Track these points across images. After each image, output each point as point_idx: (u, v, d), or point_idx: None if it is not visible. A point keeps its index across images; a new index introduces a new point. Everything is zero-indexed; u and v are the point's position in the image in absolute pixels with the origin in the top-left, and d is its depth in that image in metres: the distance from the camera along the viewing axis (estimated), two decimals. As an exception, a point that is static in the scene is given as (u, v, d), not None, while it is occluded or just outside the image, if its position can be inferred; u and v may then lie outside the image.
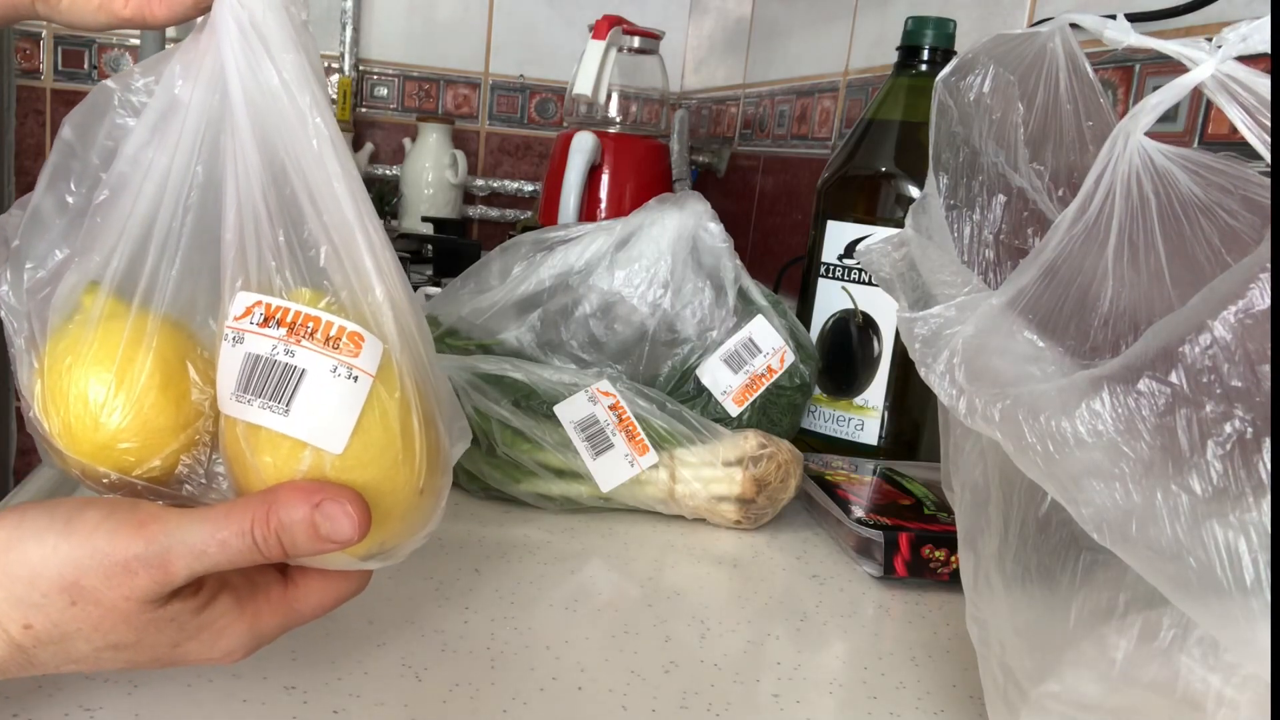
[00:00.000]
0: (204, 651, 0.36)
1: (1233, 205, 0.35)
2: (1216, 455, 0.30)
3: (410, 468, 0.36)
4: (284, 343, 0.35)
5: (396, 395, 0.36)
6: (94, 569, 0.33)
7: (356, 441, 0.35)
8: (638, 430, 0.64)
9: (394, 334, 0.36)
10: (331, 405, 0.35)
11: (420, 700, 0.42)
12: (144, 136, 0.38)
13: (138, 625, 0.34)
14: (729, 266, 0.74)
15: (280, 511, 0.34)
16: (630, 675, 0.46)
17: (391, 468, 0.35)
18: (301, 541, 0.34)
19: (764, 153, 1.54)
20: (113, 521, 0.33)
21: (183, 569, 0.33)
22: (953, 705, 0.46)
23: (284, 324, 0.35)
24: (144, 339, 0.37)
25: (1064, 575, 0.35)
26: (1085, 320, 0.37)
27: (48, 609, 0.33)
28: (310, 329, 0.35)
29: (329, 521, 0.34)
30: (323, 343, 0.35)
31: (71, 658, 0.34)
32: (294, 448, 0.35)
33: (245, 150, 0.36)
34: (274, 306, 0.35)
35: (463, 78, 2.01)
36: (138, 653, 0.35)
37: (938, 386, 0.36)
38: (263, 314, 0.35)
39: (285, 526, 0.34)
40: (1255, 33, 0.33)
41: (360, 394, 0.35)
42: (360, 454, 0.35)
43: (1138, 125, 0.35)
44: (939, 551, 0.58)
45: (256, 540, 0.34)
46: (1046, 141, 0.44)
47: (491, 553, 0.58)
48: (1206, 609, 0.29)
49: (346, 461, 0.35)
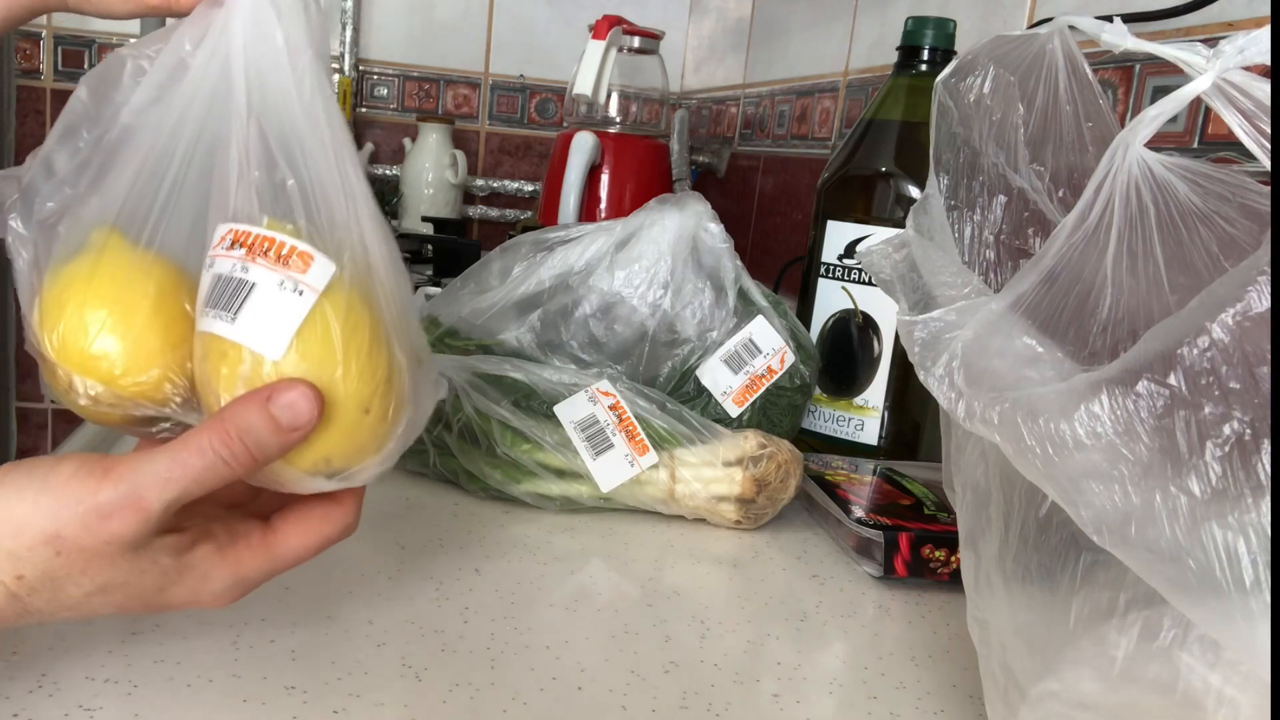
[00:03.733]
0: (189, 596, 0.37)
1: (1231, 213, 0.35)
2: (1215, 457, 0.31)
3: (351, 382, 0.38)
4: (241, 261, 0.38)
5: (342, 313, 0.38)
6: (71, 519, 0.34)
7: (296, 350, 0.37)
8: (638, 430, 0.64)
9: (352, 261, 0.38)
10: (272, 314, 0.37)
11: (420, 700, 0.42)
12: (151, 94, 0.42)
13: (123, 568, 0.36)
14: (729, 267, 0.74)
15: (235, 419, 0.35)
16: (630, 675, 0.46)
17: (329, 381, 0.37)
18: (266, 437, 0.35)
19: (764, 153, 1.54)
20: (84, 471, 0.35)
21: (155, 501, 0.35)
22: (953, 705, 0.47)
23: (244, 245, 0.38)
24: (142, 267, 0.40)
25: (1064, 576, 0.35)
26: (1084, 327, 0.37)
27: (35, 560, 0.35)
28: (265, 248, 0.38)
29: (286, 410, 0.35)
30: (274, 260, 0.37)
31: (64, 604, 0.36)
32: (236, 353, 0.37)
33: (238, 98, 0.39)
34: (239, 231, 0.38)
35: (463, 78, 2.01)
36: (126, 595, 0.36)
37: (937, 390, 0.36)
38: (230, 239, 0.38)
39: (245, 430, 0.35)
40: (1252, 44, 0.33)
41: (303, 307, 0.37)
42: (298, 362, 0.37)
43: (1137, 136, 0.35)
44: (939, 551, 0.58)
45: (221, 454, 0.35)
46: (1046, 142, 0.44)
47: (491, 553, 0.58)
48: (1206, 610, 0.29)
49: (283, 368, 0.37)
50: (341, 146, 0.39)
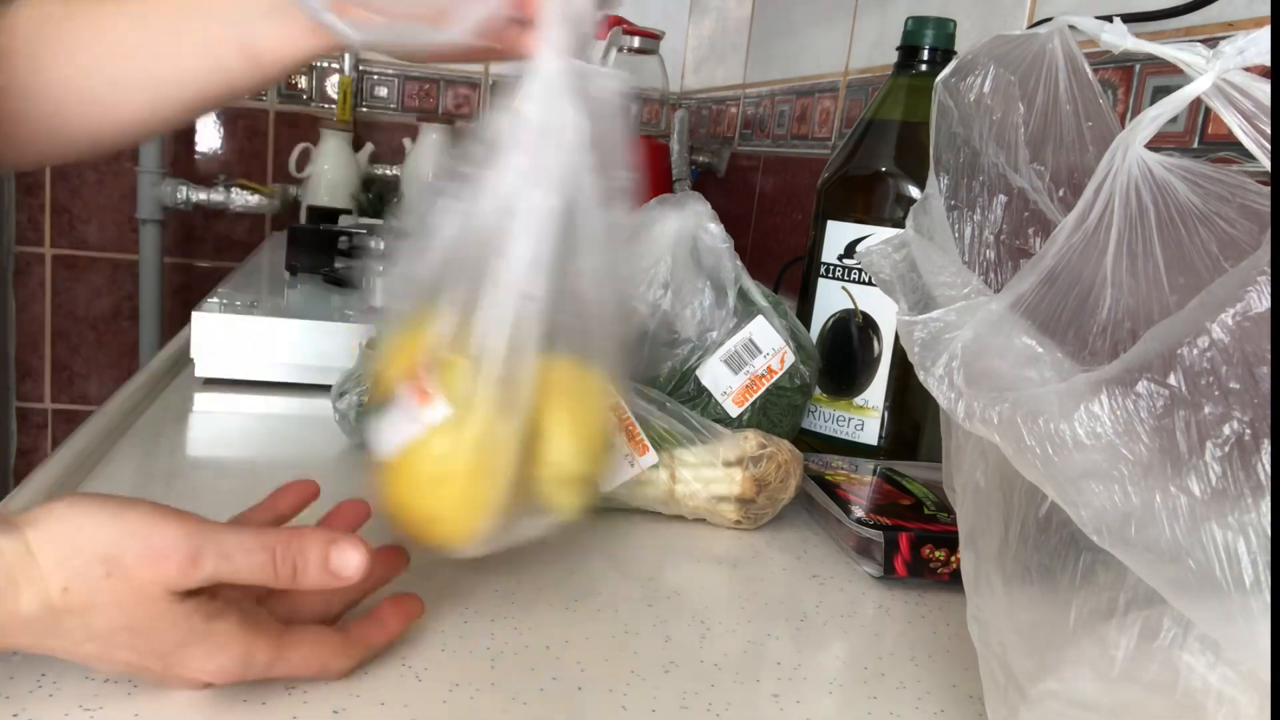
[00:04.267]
0: (202, 659, 0.39)
1: (1230, 214, 0.35)
2: (1215, 457, 0.31)
3: (429, 501, 0.46)
4: (403, 378, 0.45)
5: (445, 447, 0.44)
6: (133, 548, 0.36)
7: (402, 458, 0.45)
8: (637, 430, 0.64)
9: (483, 416, 0.43)
10: (392, 426, 0.45)
11: (420, 700, 0.42)
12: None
13: (155, 613, 0.37)
14: (729, 267, 0.74)
15: (303, 539, 0.40)
16: (630, 675, 0.46)
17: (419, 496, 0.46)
18: (313, 566, 0.40)
19: (764, 153, 1.54)
20: (160, 514, 0.38)
21: (209, 565, 0.37)
22: (953, 705, 0.47)
23: (415, 367, 0.45)
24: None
25: (1064, 575, 0.35)
26: (1084, 327, 0.37)
27: (85, 575, 0.36)
28: (414, 374, 0.44)
29: (339, 555, 0.40)
30: (412, 387, 0.44)
31: (91, 634, 0.37)
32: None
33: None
34: (427, 354, 0.45)
35: (463, 78, 2.01)
36: (148, 642, 0.38)
37: (936, 390, 0.36)
38: (425, 357, 0.45)
39: (302, 551, 0.40)
40: (1252, 45, 0.33)
41: (410, 430, 0.44)
42: (399, 467, 0.45)
43: (1137, 137, 0.35)
44: (939, 551, 0.58)
45: (276, 557, 0.39)
46: (1047, 142, 0.44)
47: (491, 553, 0.58)
48: (1206, 610, 0.29)
49: (389, 466, 0.45)
50: (529, 276, 0.43)
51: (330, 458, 0.71)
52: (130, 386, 0.80)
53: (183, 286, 1.99)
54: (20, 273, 1.90)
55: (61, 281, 1.93)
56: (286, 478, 0.49)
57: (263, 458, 0.71)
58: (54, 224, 1.91)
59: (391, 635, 0.45)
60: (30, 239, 1.90)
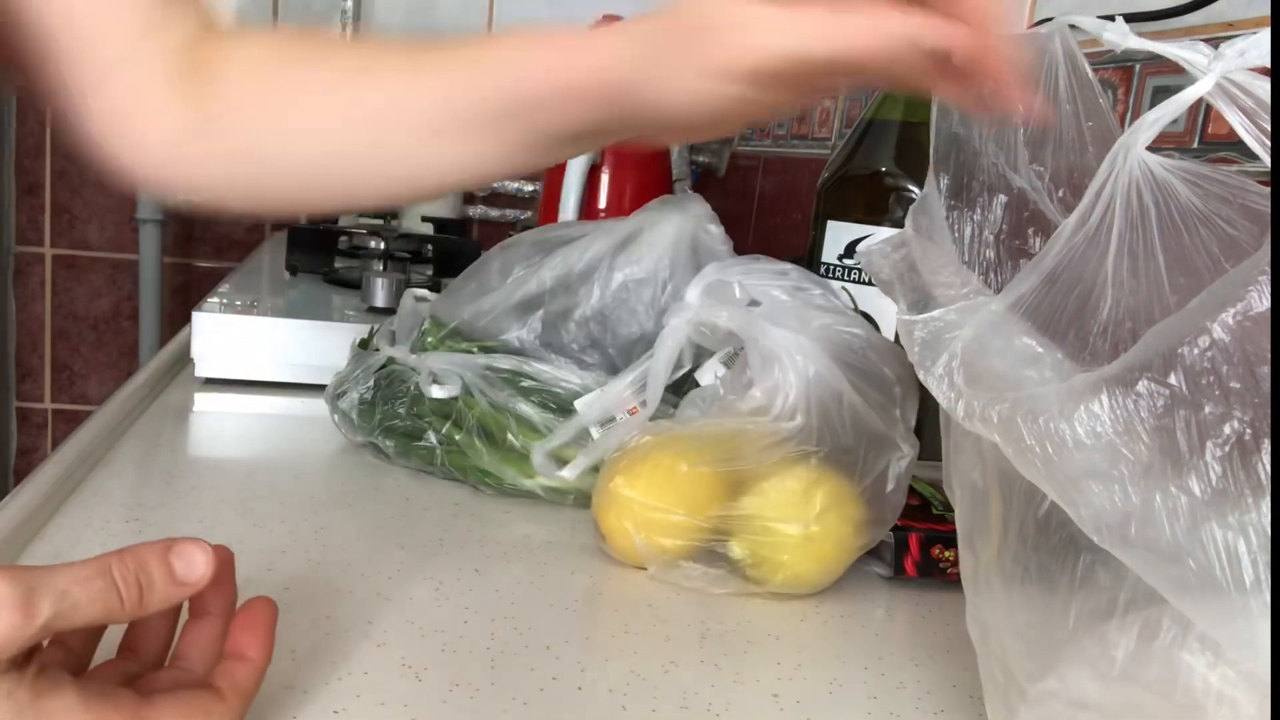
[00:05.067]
0: None
1: (1231, 214, 0.35)
2: (1215, 457, 0.31)
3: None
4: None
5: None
6: None
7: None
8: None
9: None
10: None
11: (420, 700, 0.42)
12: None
13: None
14: (729, 267, 0.74)
15: (138, 553, 0.35)
16: (630, 675, 0.46)
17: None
18: (158, 580, 0.35)
19: (764, 153, 1.54)
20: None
21: (46, 607, 0.32)
22: (953, 705, 0.47)
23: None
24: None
25: (1063, 576, 0.35)
26: (1084, 327, 0.37)
27: None
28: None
29: (181, 558, 0.36)
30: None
31: None
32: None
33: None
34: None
35: (463, 77, 2.01)
36: None
37: (936, 389, 0.36)
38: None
39: (142, 566, 0.35)
40: (1253, 48, 0.33)
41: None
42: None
43: (1138, 140, 0.35)
44: (949, 552, 0.58)
45: (116, 579, 0.34)
46: (1046, 142, 0.44)
47: (491, 553, 0.58)
48: (1206, 610, 0.29)
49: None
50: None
51: (330, 458, 0.71)
52: (130, 386, 0.80)
53: (183, 286, 1.99)
54: (20, 273, 1.90)
55: (61, 281, 1.93)
56: (286, 478, 0.49)
57: (262, 457, 0.71)
58: (54, 224, 1.91)
59: (261, 666, 0.39)
60: (30, 239, 1.90)
